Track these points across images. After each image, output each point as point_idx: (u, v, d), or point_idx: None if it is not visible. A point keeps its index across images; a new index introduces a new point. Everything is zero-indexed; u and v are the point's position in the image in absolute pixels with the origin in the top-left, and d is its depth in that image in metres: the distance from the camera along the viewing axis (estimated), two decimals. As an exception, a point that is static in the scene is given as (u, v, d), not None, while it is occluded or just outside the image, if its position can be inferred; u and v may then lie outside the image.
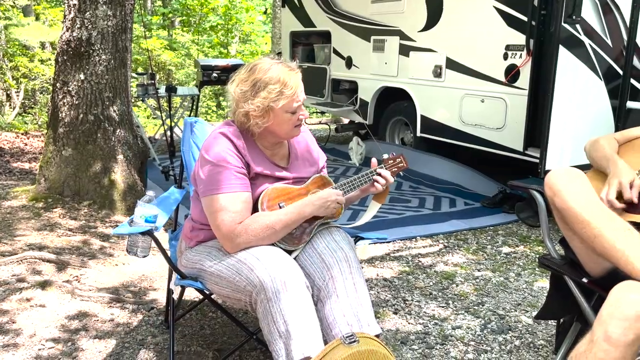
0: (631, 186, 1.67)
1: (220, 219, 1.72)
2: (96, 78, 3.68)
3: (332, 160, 5.90)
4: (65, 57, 3.68)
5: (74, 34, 3.62)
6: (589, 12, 3.32)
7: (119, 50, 3.74)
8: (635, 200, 1.64)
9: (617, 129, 3.43)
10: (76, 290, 2.55)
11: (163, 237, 2.18)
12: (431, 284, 2.87)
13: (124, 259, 3.03)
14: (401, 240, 3.50)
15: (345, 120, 7.10)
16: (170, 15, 14.32)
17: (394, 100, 5.39)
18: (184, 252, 1.94)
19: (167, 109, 4.95)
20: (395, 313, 2.54)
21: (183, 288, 2.08)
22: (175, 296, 1.99)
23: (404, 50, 5.02)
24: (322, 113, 7.77)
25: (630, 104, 3.45)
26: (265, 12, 13.54)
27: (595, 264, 1.62)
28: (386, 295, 2.72)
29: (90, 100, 3.69)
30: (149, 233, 1.77)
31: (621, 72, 3.45)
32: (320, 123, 7.97)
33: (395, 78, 5.20)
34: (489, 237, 3.59)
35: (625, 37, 3.42)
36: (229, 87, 1.80)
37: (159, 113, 5.27)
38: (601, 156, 1.85)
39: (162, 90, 5.30)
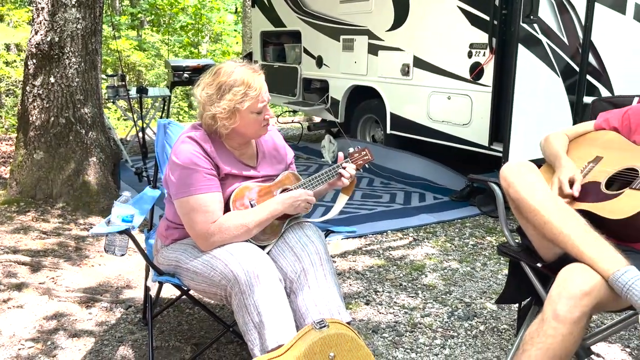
0: (573, 182, 1.79)
1: (194, 219, 1.78)
2: (67, 81, 3.68)
3: (305, 159, 5.98)
4: (34, 61, 3.67)
5: (44, 37, 3.62)
6: (546, 12, 3.48)
7: (89, 52, 3.74)
8: (576, 194, 1.77)
9: (575, 124, 3.60)
10: (52, 291, 2.58)
11: (139, 237, 2.23)
12: (401, 275, 2.98)
13: (99, 259, 3.06)
14: (373, 234, 3.61)
15: (317, 119, 7.19)
16: (139, 15, 14.18)
17: (364, 99, 5.50)
18: (159, 250, 2.00)
19: (139, 110, 4.95)
20: (367, 304, 2.64)
21: (160, 285, 2.14)
22: (153, 293, 2.04)
23: (373, 50, 5.13)
24: (294, 112, 7.84)
25: (587, 100, 3.63)
26: (235, 12, 13.52)
27: (548, 249, 1.74)
28: (358, 287, 2.82)
29: (61, 103, 3.69)
30: (126, 232, 1.82)
31: (577, 69, 3.62)
32: (292, 122, 8.04)
33: (364, 77, 5.31)
34: (457, 230, 3.73)
35: (580, 35, 3.59)
36: (195, 91, 1.87)
37: (130, 114, 5.27)
38: (550, 153, 1.97)
39: (133, 92, 5.30)
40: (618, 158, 1.83)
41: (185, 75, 6.00)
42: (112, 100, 5.42)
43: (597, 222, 1.64)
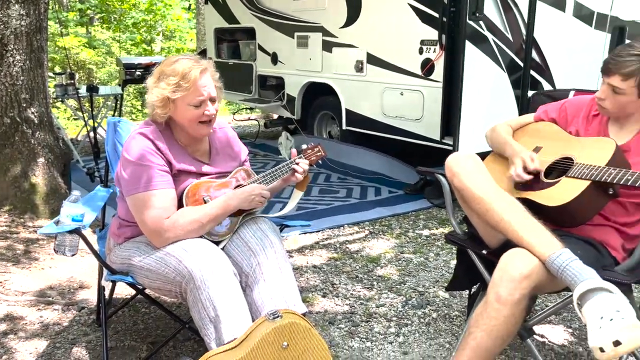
0: (532, 160, 1.88)
1: (147, 216, 1.78)
2: (11, 79, 3.56)
3: (262, 156, 5.98)
4: (-24, 58, 3.53)
5: (-15, 33, 3.49)
6: (491, 10, 3.61)
7: (34, 50, 3.63)
8: (541, 168, 1.85)
9: (520, 117, 3.74)
10: (1, 295, 2.50)
11: (92, 237, 2.20)
12: (357, 267, 3.04)
13: (50, 262, 2.99)
14: (330, 229, 3.66)
15: (275, 116, 7.19)
16: (88, 11, 13.77)
17: (320, 95, 5.54)
18: (112, 249, 1.98)
19: (89, 109, 4.83)
20: (323, 296, 2.68)
21: (114, 285, 2.12)
22: (107, 293, 2.02)
23: (327, 46, 5.18)
24: (251, 109, 7.80)
25: (531, 94, 3.78)
26: (189, 9, 13.32)
27: (492, 236, 1.83)
28: (315, 281, 2.86)
29: (6, 102, 3.57)
30: (76, 231, 1.80)
31: (522, 65, 3.77)
32: (249, 119, 8.01)
33: (319, 73, 5.35)
34: (411, 222, 3.82)
35: (524, 32, 3.74)
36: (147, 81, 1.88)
37: (80, 114, 5.14)
38: (498, 142, 2.06)
39: (82, 90, 5.17)
40: (556, 148, 1.94)
41: (138, 73, 5.88)
42: (61, 99, 5.27)
43: (537, 209, 1.73)
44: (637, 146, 1.81)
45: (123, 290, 2.57)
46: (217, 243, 1.87)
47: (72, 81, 4.99)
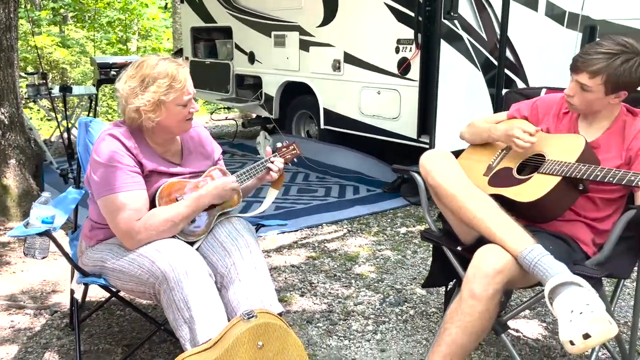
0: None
1: (118, 218, 1.75)
2: (-20, 79, 3.48)
3: (240, 155, 5.95)
4: (-58, 58, 3.44)
5: (-48, 32, 3.40)
6: (466, 9, 3.64)
7: (4, 49, 3.55)
8: (539, 128, 1.87)
9: (495, 115, 3.79)
10: (-30, 301, 2.44)
11: (64, 240, 2.16)
12: (336, 266, 3.04)
13: (22, 265, 2.92)
14: (308, 228, 3.66)
15: (253, 115, 7.16)
16: (62, 10, 13.51)
17: (297, 95, 5.53)
18: (84, 251, 1.94)
19: (63, 109, 4.74)
20: (301, 295, 2.68)
21: (86, 287, 2.09)
22: (78, 295, 1.98)
23: (304, 46, 5.17)
24: (229, 109, 7.75)
25: (505, 92, 3.83)
26: (165, 7, 13.17)
27: (466, 233, 1.84)
28: (293, 280, 2.85)
29: (-25, 102, 3.48)
30: (46, 234, 1.76)
31: (496, 63, 3.82)
32: (227, 119, 7.95)
33: (297, 73, 5.34)
34: (389, 220, 3.84)
35: (498, 31, 3.79)
36: (117, 85, 1.83)
37: (53, 114, 5.04)
38: (482, 131, 2.07)
39: (55, 90, 5.07)
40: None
41: (113, 72, 5.79)
42: (33, 100, 5.17)
43: (509, 205, 1.76)
44: (605, 143, 1.84)
45: (97, 293, 2.53)
46: (191, 244, 1.85)
47: (45, 81, 4.90)
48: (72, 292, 2.08)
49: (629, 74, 1.71)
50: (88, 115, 5.88)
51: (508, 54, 3.81)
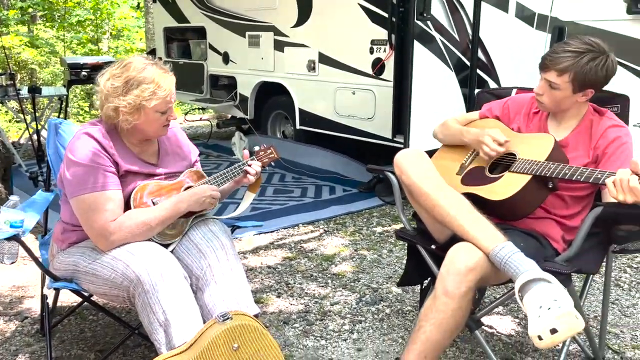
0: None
1: (92, 218, 1.72)
2: (-56, 80, 3.38)
3: (215, 156, 5.91)
4: None
5: None
6: (438, 10, 3.68)
7: (-30, 49, 3.46)
8: (508, 139, 1.90)
9: (468, 115, 3.84)
10: (-64, 309, 2.37)
11: (34, 244, 2.12)
12: (312, 266, 3.05)
13: (-10, 271, 2.85)
14: (284, 228, 3.65)
15: (228, 116, 7.11)
16: (30, 9, 13.20)
17: (273, 95, 5.51)
18: (55, 255, 1.91)
19: (32, 111, 4.64)
20: (278, 296, 2.67)
21: (57, 292, 2.04)
22: (50, 301, 1.95)
23: (279, 46, 5.16)
24: (203, 110, 7.69)
25: (478, 92, 3.89)
26: (138, 7, 12.99)
27: (440, 231, 1.87)
28: (270, 281, 2.84)
29: (-61, 104, 3.38)
30: (15, 238, 1.72)
31: (468, 64, 3.87)
32: (201, 120, 7.88)
33: (272, 73, 5.33)
34: (365, 220, 3.86)
35: (470, 32, 3.84)
36: (99, 79, 1.80)
37: (22, 116, 4.93)
38: (454, 132, 2.10)
39: (24, 91, 4.96)
40: (500, 144, 1.99)
41: (84, 73, 5.67)
42: (0, 101, 5.04)
43: (482, 203, 1.79)
44: (574, 141, 1.89)
45: (69, 298, 2.49)
46: (166, 246, 1.84)
47: (13, 82, 4.78)
48: (42, 297, 2.04)
49: (594, 72, 1.76)
50: (58, 117, 5.76)
51: (480, 54, 3.87)
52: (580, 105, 1.89)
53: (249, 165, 2.01)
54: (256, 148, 2.08)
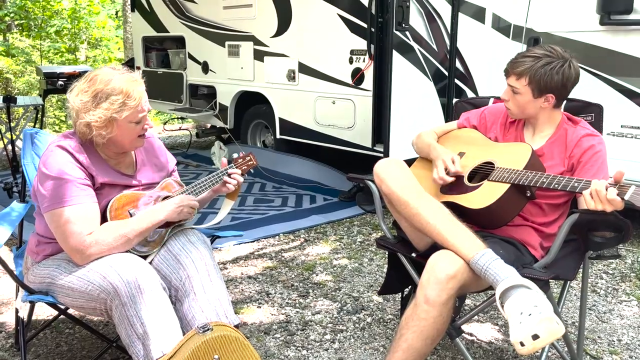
0: (453, 162, 1.95)
1: (68, 232, 1.69)
2: None
3: (195, 166, 5.87)
4: None
5: None
6: (417, 21, 3.73)
7: (-58, 57, 3.39)
8: (460, 171, 1.92)
9: (446, 124, 3.88)
10: None
11: (8, 256, 2.07)
12: (293, 276, 3.03)
13: (-38, 285, 2.77)
14: (265, 238, 3.63)
15: (208, 125, 7.08)
16: (7, 18, 13.00)
17: (253, 104, 5.51)
18: (30, 268, 1.87)
19: (6, 121, 4.56)
20: (259, 307, 2.65)
21: (33, 305, 1.99)
22: (24, 314, 1.90)
23: (259, 55, 5.17)
24: (182, 119, 7.64)
25: (456, 101, 3.94)
26: (116, 16, 12.88)
27: (420, 239, 1.88)
28: (250, 292, 2.82)
29: None
30: (-12, 251, 1.68)
31: (446, 74, 3.92)
32: (180, 129, 7.83)
33: (252, 82, 5.32)
34: (346, 228, 3.86)
35: (447, 42, 3.90)
36: (69, 96, 1.78)
37: (-4, 125, 4.84)
38: (424, 146, 2.13)
39: (-2, 101, 4.87)
40: (478, 153, 2.02)
41: (60, 82, 5.62)
42: (-26, 111, 4.94)
43: (461, 212, 1.80)
44: (549, 151, 1.92)
45: (45, 311, 2.43)
46: (144, 257, 1.81)
47: (-13, 91, 4.69)
48: (17, 310, 1.99)
49: (550, 75, 1.81)
50: (34, 127, 5.66)
51: (458, 64, 3.92)
52: (550, 113, 1.93)
53: (229, 175, 2.00)
54: (234, 155, 2.07)
